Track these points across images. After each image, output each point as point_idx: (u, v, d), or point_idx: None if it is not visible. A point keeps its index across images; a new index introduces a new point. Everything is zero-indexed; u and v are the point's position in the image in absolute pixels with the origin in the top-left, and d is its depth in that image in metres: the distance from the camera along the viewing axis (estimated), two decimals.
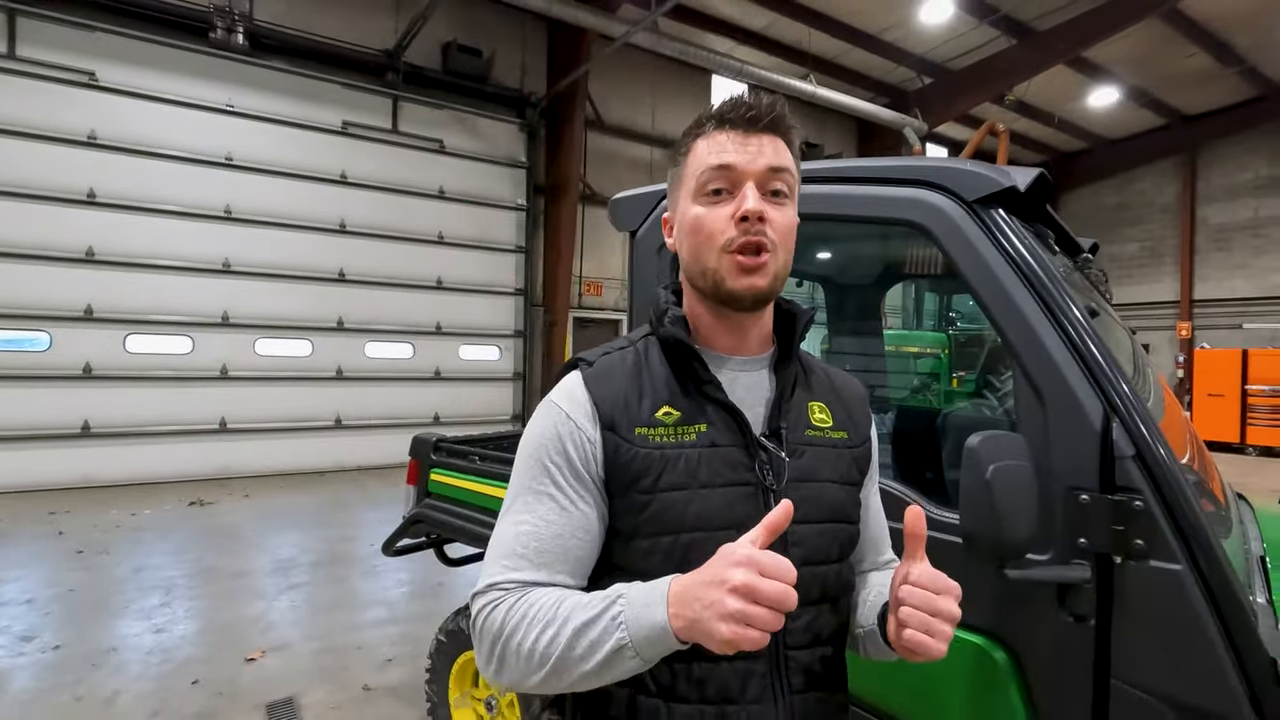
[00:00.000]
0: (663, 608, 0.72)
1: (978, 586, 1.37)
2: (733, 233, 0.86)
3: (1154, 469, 1.23)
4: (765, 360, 0.97)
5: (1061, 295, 1.37)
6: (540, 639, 0.76)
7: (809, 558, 0.88)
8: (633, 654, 0.73)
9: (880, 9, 11.95)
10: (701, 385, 0.90)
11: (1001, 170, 1.50)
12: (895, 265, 2.92)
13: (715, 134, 0.89)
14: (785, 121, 0.91)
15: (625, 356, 0.95)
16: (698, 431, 0.88)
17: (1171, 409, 2.00)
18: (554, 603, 0.79)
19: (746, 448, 0.89)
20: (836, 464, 0.96)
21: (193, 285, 8.46)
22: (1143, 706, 1.23)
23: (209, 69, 8.52)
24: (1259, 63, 13.84)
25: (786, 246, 0.90)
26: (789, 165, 0.90)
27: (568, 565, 0.86)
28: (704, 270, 0.89)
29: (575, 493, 0.87)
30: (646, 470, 0.85)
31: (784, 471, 0.89)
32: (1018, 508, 1.16)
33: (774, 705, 0.86)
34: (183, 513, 6.87)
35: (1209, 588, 1.19)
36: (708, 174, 0.88)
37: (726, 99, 0.91)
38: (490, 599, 0.83)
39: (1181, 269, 17.29)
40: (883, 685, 1.53)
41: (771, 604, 0.67)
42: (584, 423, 0.88)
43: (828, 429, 0.98)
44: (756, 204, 0.85)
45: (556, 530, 0.85)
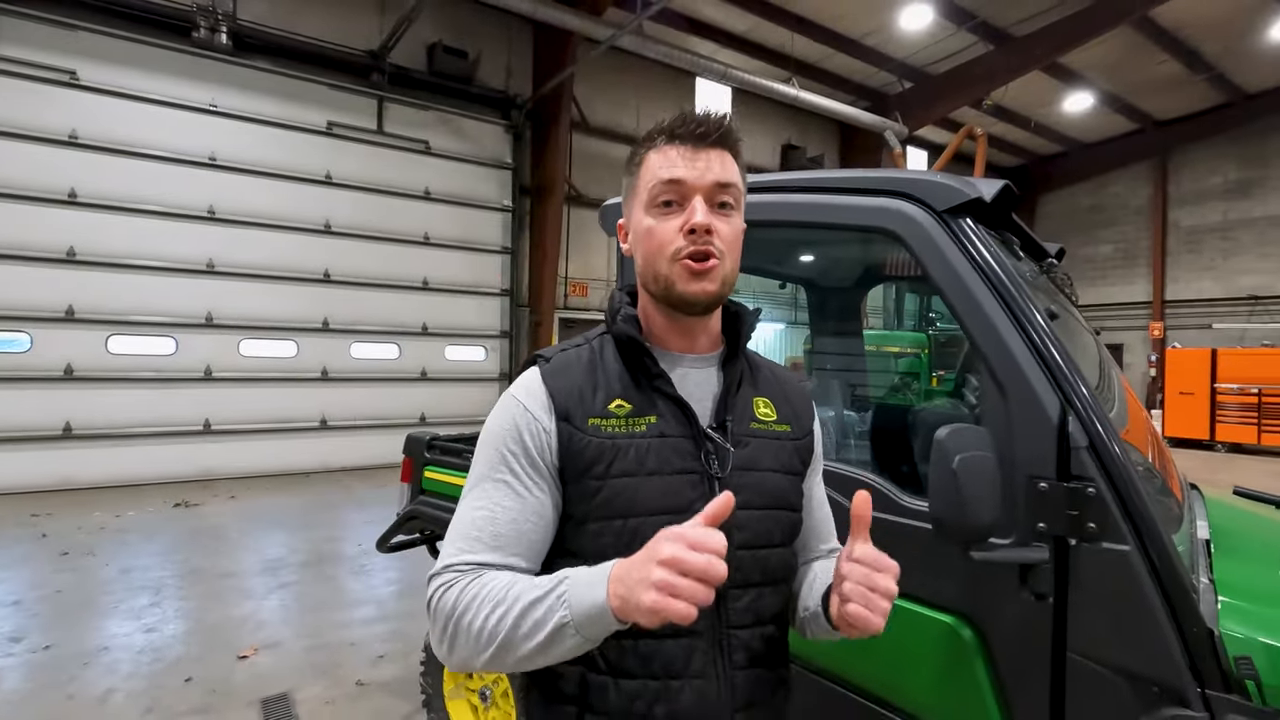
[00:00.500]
0: (603, 587, 0.75)
1: (946, 568, 1.48)
2: (682, 243, 0.91)
3: (1105, 459, 1.34)
4: (714, 358, 1.03)
5: (1023, 298, 1.47)
6: (490, 618, 0.79)
7: (751, 542, 0.94)
8: (574, 632, 0.75)
9: (861, 14, 12.15)
10: (652, 380, 0.95)
11: (969, 182, 1.60)
12: (875, 269, 3.04)
13: (666, 148, 0.94)
14: (732, 137, 0.96)
15: (581, 353, 1.00)
16: (648, 423, 0.93)
17: (1133, 407, 2.13)
18: (505, 584, 0.82)
19: (694, 438, 0.94)
20: (779, 454, 1.02)
21: (176, 286, 8.41)
22: (1096, 677, 1.34)
23: (192, 69, 8.48)
24: (1227, 70, 14.25)
25: (733, 254, 0.95)
26: (735, 180, 0.95)
27: (521, 548, 0.89)
28: (656, 276, 0.94)
29: (530, 480, 0.91)
30: (599, 458, 0.90)
31: (728, 460, 0.95)
32: (982, 495, 1.26)
33: (716, 680, 0.91)
34: (168, 514, 6.84)
35: (1154, 567, 1.30)
36: (659, 187, 0.93)
37: (677, 115, 0.96)
38: (445, 580, 0.86)
39: (1154, 270, 17.71)
40: (859, 662, 1.63)
41: (698, 575, 0.69)
42: (540, 414, 0.92)
43: (771, 422, 1.03)
44: (704, 217, 0.90)
45: (512, 515, 0.89)
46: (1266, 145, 15.88)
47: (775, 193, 1.84)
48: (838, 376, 3.18)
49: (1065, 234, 19.22)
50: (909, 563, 1.54)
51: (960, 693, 1.47)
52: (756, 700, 0.96)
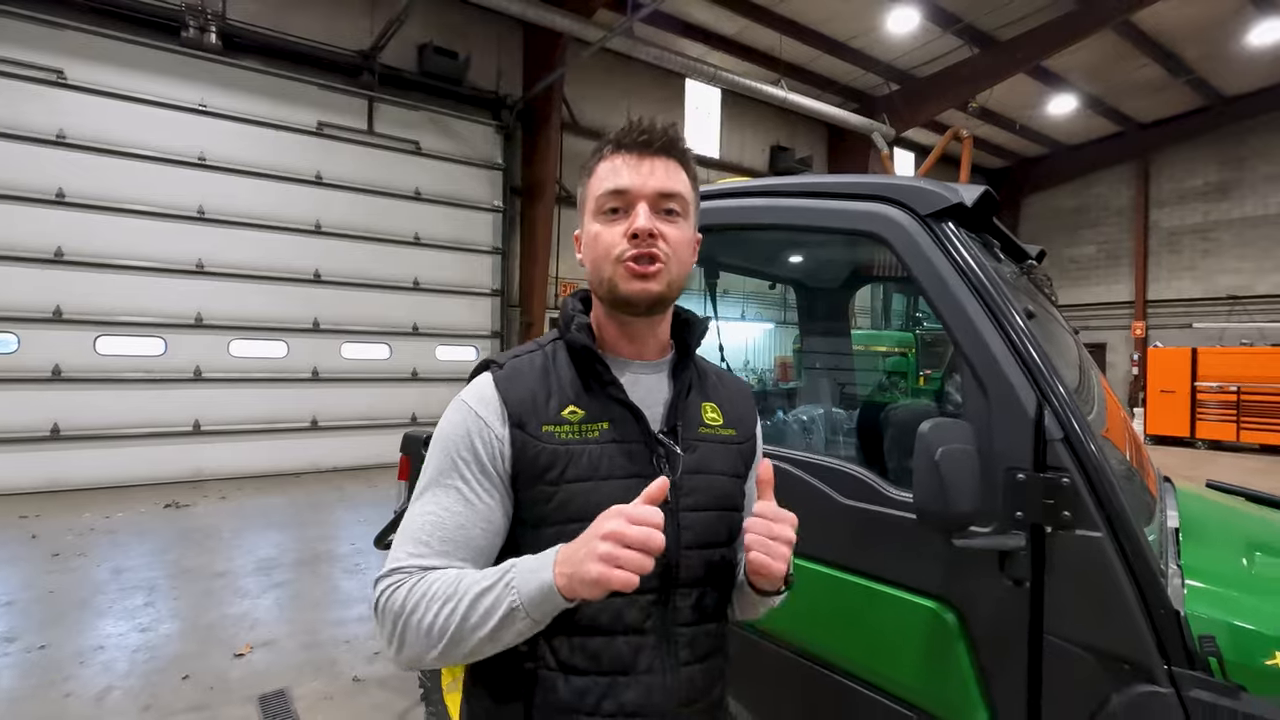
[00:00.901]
0: (549, 570, 0.79)
1: (929, 556, 1.55)
2: (625, 246, 0.93)
3: (1079, 450, 1.42)
4: (664, 364, 1.06)
5: (1002, 299, 1.55)
6: (440, 614, 0.82)
7: (698, 541, 0.98)
8: (524, 615, 0.79)
9: (849, 18, 12.27)
10: (605, 386, 0.98)
11: (951, 187, 1.68)
12: (862, 270, 3.11)
13: (612, 157, 0.97)
14: (679, 146, 0.98)
15: (534, 359, 1.01)
16: (601, 429, 0.95)
17: (1110, 405, 2.22)
18: (453, 580, 0.84)
19: (646, 443, 0.97)
20: (725, 457, 1.06)
21: (165, 286, 8.38)
22: (1071, 657, 1.42)
23: (181, 68, 8.45)
24: (1206, 74, 14.51)
25: (680, 258, 0.97)
26: (680, 189, 0.97)
27: (468, 554, 0.91)
28: (601, 279, 0.97)
29: (480, 487, 0.92)
30: (553, 464, 0.92)
31: (679, 465, 0.98)
32: (963, 485, 1.34)
33: (662, 676, 0.94)
34: (159, 515, 6.83)
35: (1125, 553, 1.38)
36: (604, 196, 0.96)
37: (626, 124, 0.99)
38: (392, 582, 0.88)
39: (1136, 270, 17.98)
40: (845, 646, 1.70)
41: (638, 546, 0.75)
42: (493, 421, 0.94)
43: (718, 427, 1.07)
44: (647, 222, 0.92)
45: (460, 521, 0.91)
46: (1244, 147, 16.17)
47: (765, 197, 1.91)
48: (826, 375, 3.26)
49: (1049, 235, 19.48)
50: (894, 551, 1.63)
51: (943, 674, 1.54)
52: (699, 695, 0.99)
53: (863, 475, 1.70)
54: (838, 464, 1.76)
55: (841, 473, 1.73)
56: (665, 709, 0.94)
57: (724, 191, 2.04)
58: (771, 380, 10.20)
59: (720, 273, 2.76)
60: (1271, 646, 1.28)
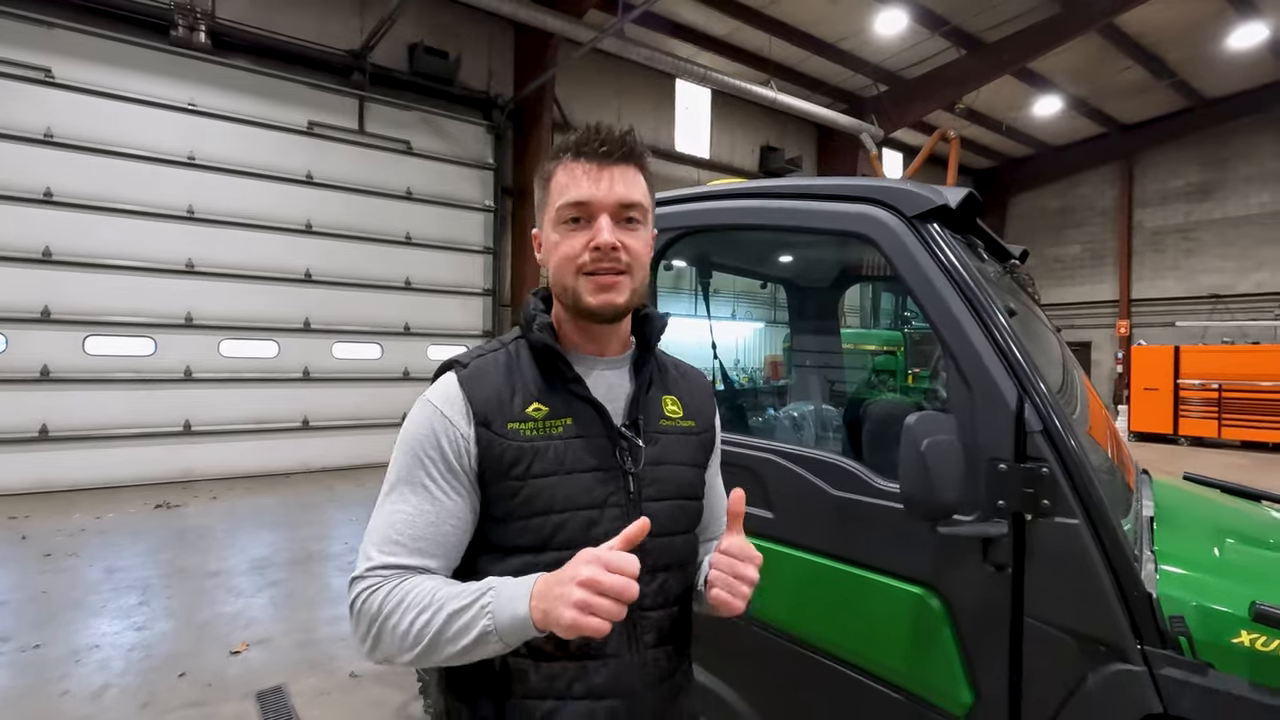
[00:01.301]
0: (525, 602, 0.81)
1: (915, 543, 1.61)
2: (587, 258, 0.94)
3: (1057, 442, 1.48)
4: (625, 360, 1.08)
5: (985, 297, 1.61)
6: (416, 622, 0.84)
7: (661, 530, 0.98)
8: (496, 639, 0.82)
9: (838, 19, 12.37)
10: (567, 384, 1.00)
11: (936, 190, 1.74)
12: (851, 270, 3.18)
13: (572, 165, 0.97)
14: (637, 152, 0.99)
15: (497, 358, 1.02)
16: (564, 425, 0.98)
17: (1092, 400, 2.29)
18: (430, 590, 0.86)
19: (609, 437, 1.00)
20: (685, 448, 1.09)
21: (155, 286, 8.34)
22: (1050, 638, 1.48)
23: (170, 67, 8.41)
24: (1188, 76, 14.73)
25: (641, 265, 0.99)
26: (639, 198, 0.98)
27: (440, 550, 0.94)
28: (565, 288, 0.98)
29: (448, 484, 0.94)
30: (518, 460, 0.94)
31: (641, 457, 1.01)
32: (947, 475, 1.40)
33: (630, 658, 0.97)
34: (150, 515, 6.81)
35: (1101, 539, 1.44)
36: (566, 206, 0.96)
37: (584, 130, 0.99)
38: (369, 584, 0.90)
39: (1120, 270, 18.22)
40: (835, 633, 1.76)
41: (614, 595, 0.77)
42: (458, 420, 0.95)
43: (679, 419, 1.10)
44: (610, 236, 0.94)
45: (430, 519, 0.93)
46: (1226, 149, 16.43)
47: (757, 198, 1.97)
48: (816, 372, 3.33)
49: (1035, 234, 19.70)
50: (882, 540, 1.69)
51: (929, 657, 1.61)
52: (665, 675, 1.03)
53: (851, 467, 1.76)
54: (828, 457, 1.82)
55: (832, 465, 1.79)
56: (633, 690, 0.98)
57: (717, 193, 2.09)
58: (762, 378, 10.27)
59: (713, 272, 2.81)
60: (1238, 626, 1.35)
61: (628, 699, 0.97)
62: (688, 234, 2.15)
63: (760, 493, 1.87)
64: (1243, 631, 1.34)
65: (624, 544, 0.82)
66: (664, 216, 2.13)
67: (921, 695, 1.63)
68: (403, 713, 3.17)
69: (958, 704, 1.57)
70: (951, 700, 1.58)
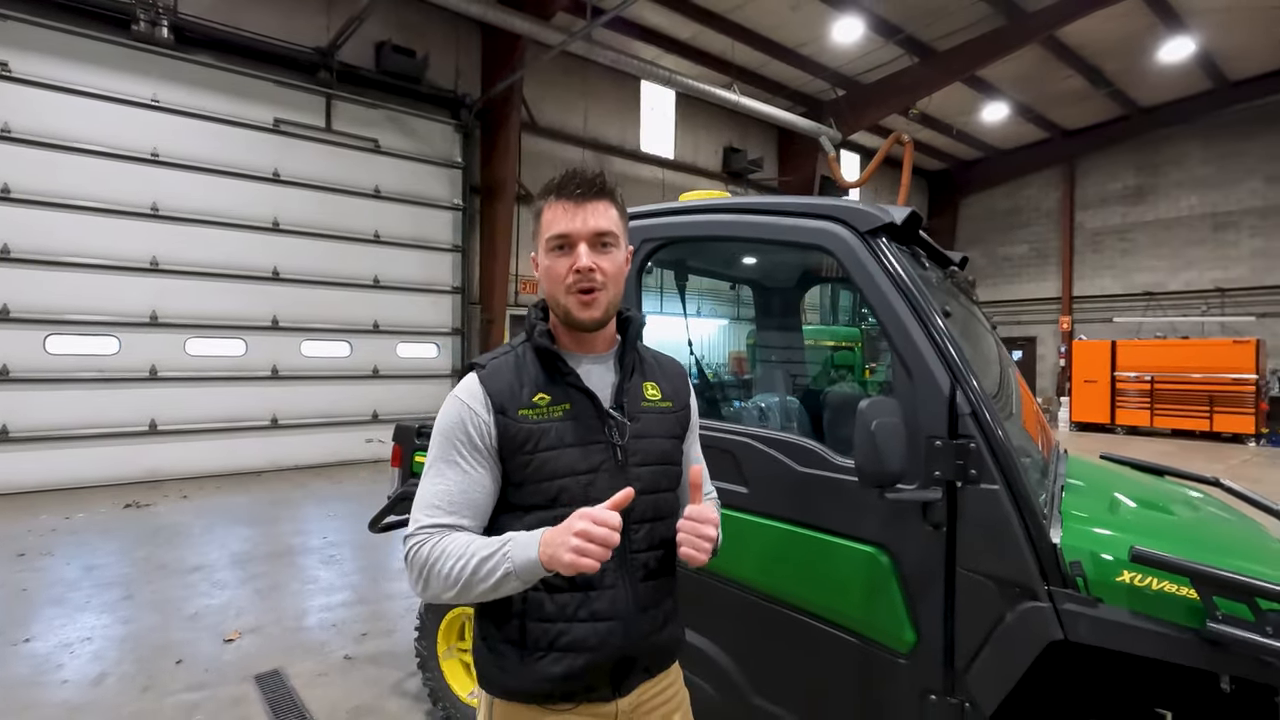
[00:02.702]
0: (535, 549, 1.06)
1: (867, 509, 1.91)
2: (572, 278, 1.20)
3: (982, 422, 1.79)
4: (610, 355, 1.33)
5: (924, 300, 1.91)
6: (454, 567, 1.09)
7: (646, 488, 1.24)
8: (515, 579, 1.07)
9: (798, 26, 12.78)
10: (565, 377, 1.25)
11: (885, 209, 2.03)
12: (812, 273, 3.48)
13: (555, 204, 1.22)
14: (606, 188, 1.24)
15: (508, 359, 1.28)
16: (564, 409, 1.23)
17: (1022, 390, 2.63)
18: (465, 543, 1.12)
19: (599, 417, 1.25)
20: (663, 424, 1.35)
21: (118, 284, 8.25)
22: (977, 584, 1.79)
23: (132, 62, 8.31)
24: (1124, 86, 15.60)
25: (616, 281, 1.24)
26: (610, 226, 1.22)
27: (472, 511, 1.20)
28: (556, 304, 1.24)
29: (475, 460, 1.20)
30: (529, 438, 1.20)
31: (626, 432, 1.26)
32: (893, 450, 1.69)
33: (624, 589, 1.22)
34: (120, 515, 6.79)
35: (1016, 501, 1.76)
36: (552, 238, 1.21)
37: (564, 174, 1.24)
38: (419, 539, 1.16)
39: (1063, 268, 19.16)
40: (799, 588, 2.04)
41: (600, 542, 1.02)
42: (480, 409, 1.21)
43: (657, 400, 1.35)
44: (587, 261, 1.19)
45: (463, 487, 1.19)
46: (1159, 155, 17.42)
47: (732, 213, 2.24)
48: (780, 366, 3.63)
49: (985, 234, 20.55)
50: (840, 507, 1.98)
51: (879, 605, 1.90)
52: (652, 604, 1.28)
53: (814, 447, 2.05)
54: (794, 438, 2.10)
55: (797, 445, 2.07)
56: (627, 614, 1.23)
57: (696, 207, 2.36)
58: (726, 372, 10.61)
59: (689, 276, 3.08)
60: (1121, 568, 1.67)
61: (623, 620, 1.23)
62: (669, 244, 2.41)
63: (735, 471, 2.14)
64: (1125, 571, 1.66)
65: (613, 506, 1.06)
66: (648, 227, 2.39)
67: (873, 637, 1.92)
68: (399, 688, 3.37)
69: (903, 643, 1.87)
70: (898, 640, 1.88)
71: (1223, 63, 14.58)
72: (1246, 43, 13.70)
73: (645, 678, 1.30)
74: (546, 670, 1.20)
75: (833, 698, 2.01)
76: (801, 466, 2.05)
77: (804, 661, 2.06)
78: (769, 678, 2.12)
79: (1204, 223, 16.76)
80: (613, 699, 1.25)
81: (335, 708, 3.18)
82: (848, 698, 1.99)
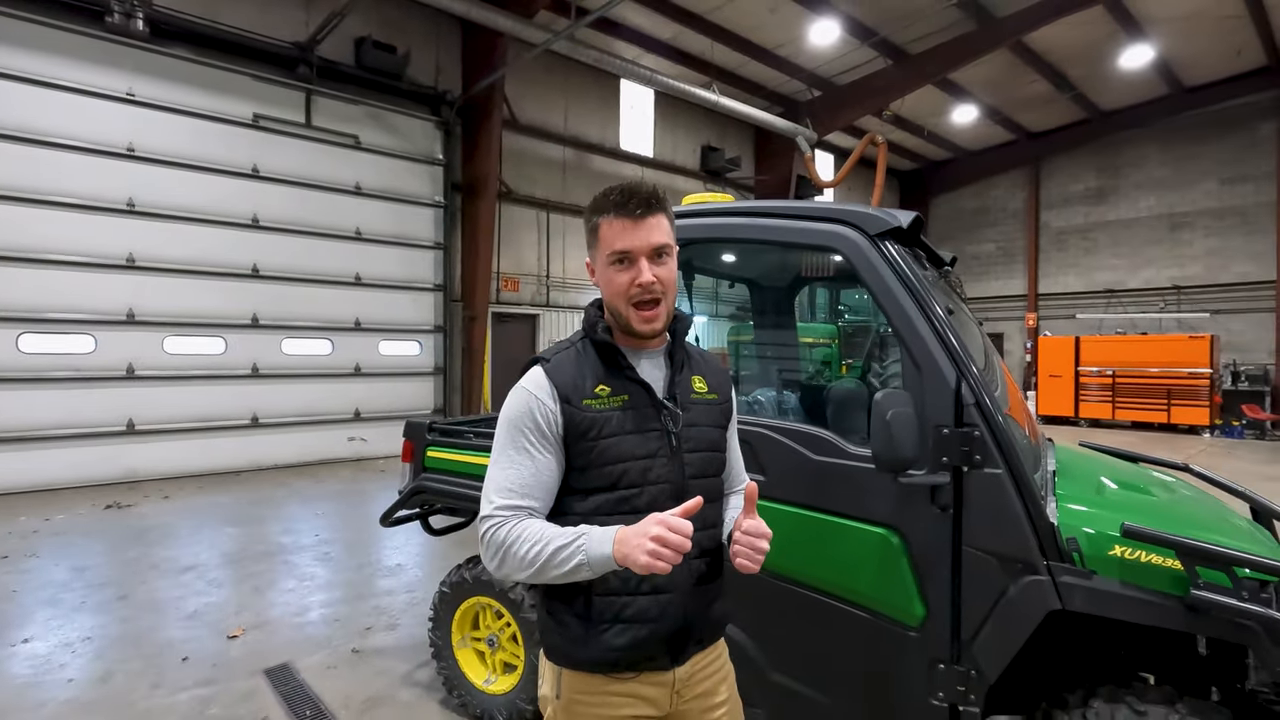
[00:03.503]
0: (610, 546, 1.14)
1: (878, 494, 2.05)
2: (635, 291, 1.29)
3: (985, 412, 1.94)
4: (661, 351, 1.43)
5: (929, 298, 2.06)
6: (530, 551, 1.18)
7: (696, 473, 1.37)
8: (587, 569, 1.16)
9: (776, 27, 12.98)
10: (623, 370, 1.35)
11: (892, 213, 2.18)
12: (806, 273, 3.63)
13: (614, 220, 1.29)
14: (661, 204, 1.31)
15: (570, 354, 1.36)
16: (623, 400, 1.33)
17: (1009, 381, 2.80)
18: (540, 529, 1.21)
19: (655, 407, 1.35)
20: (710, 414, 1.45)
21: (94, 281, 8.09)
22: (981, 561, 1.94)
23: (107, 55, 8.15)
24: (1087, 90, 16.15)
25: (671, 290, 1.34)
26: (666, 239, 1.31)
27: (541, 494, 1.28)
28: (616, 314, 1.34)
29: (543, 446, 1.29)
30: (592, 426, 1.29)
31: (680, 421, 1.36)
32: (906, 438, 1.82)
33: (681, 565, 1.21)
34: (101, 516, 6.69)
35: (1017, 484, 1.91)
36: (614, 254, 1.30)
37: (620, 191, 1.30)
38: (495, 521, 1.24)
39: (1029, 267, 19.74)
40: (815, 569, 2.18)
41: (675, 548, 1.10)
42: (547, 400, 1.29)
43: (705, 393, 1.46)
44: (649, 275, 1.28)
45: (532, 472, 1.28)
46: (1119, 157, 18.05)
47: (750, 216, 2.37)
48: (774, 361, 3.77)
49: (955, 233, 21.06)
50: (852, 492, 2.12)
51: (891, 582, 2.04)
52: (705, 580, 1.40)
53: (828, 436, 2.18)
54: (808, 428, 2.23)
55: (812, 435, 2.21)
56: (683, 587, 1.34)
57: (715, 210, 2.47)
58: None
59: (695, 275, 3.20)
60: (1113, 542, 1.83)
61: (682, 593, 1.35)
62: (686, 245, 2.52)
63: (753, 460, 2.26)
64: (1116, 546, 1.83)
65: (683, 513, 1.14)
66: None
67: (885, 613, 2.07)
68: (409, 679, 3.44)
69: (914, 617, 2.02)
70: (909, 615, 2.03)
71: (1179, 69, 15.18)
72: (1201, 50, 14.30)
73: (698, 649, 1.41)
74: (612, 641, 1.30)
75: (847, 671, 2.15)
76: (816, 455, 2.19)
77: (820, 638, 2.19)
78: (786, 654, 2.25)
79: (1161, 223, 17.42)
80: (670, 668, 1.37)
81: (349, 698, 3.24)
82: (861, 670, 2.13)
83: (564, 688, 1.36)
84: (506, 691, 2.96)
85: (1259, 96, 15.53)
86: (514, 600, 2.87)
